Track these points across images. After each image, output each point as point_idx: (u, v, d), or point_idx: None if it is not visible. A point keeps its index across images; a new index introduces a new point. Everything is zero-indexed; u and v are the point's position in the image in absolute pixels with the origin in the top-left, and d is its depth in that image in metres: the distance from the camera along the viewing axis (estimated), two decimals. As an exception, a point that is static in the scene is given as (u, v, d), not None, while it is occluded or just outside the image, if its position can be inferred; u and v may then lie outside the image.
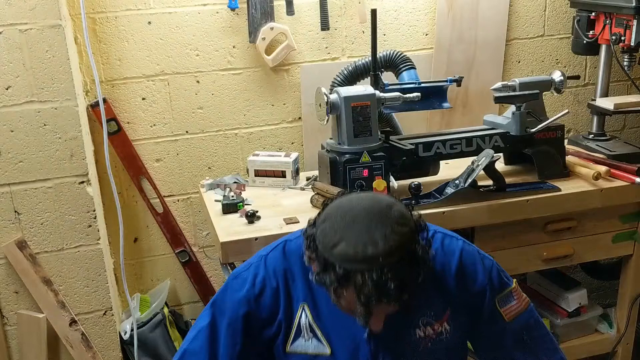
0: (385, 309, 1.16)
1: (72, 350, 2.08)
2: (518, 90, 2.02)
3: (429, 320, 1.30)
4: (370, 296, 1.09)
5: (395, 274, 1.09)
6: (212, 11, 2.11)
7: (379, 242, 1.10)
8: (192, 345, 1.35)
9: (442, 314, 1.31)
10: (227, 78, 2.19)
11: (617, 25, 2.11)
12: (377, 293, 1.09)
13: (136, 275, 2.30)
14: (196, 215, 2.30)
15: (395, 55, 2.10)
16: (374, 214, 1.14)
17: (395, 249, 1.10)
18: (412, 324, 1.30)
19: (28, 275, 2.00)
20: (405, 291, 1.11)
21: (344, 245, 1.11)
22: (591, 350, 2.26)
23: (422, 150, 1.95)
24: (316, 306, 1.31)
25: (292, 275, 1.32)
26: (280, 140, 2.30)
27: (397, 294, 1.10)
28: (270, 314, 1.31)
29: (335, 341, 1.31)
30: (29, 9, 1.80)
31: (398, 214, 1.14)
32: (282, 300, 1.31)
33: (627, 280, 2.21)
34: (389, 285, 1.08)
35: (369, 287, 1.08)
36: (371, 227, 1.12)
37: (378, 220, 1.12)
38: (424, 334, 1.30)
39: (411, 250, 1.12)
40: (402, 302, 1.13)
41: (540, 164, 2.03)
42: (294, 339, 1.32)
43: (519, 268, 2.05)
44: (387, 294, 1.09)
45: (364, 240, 1.10)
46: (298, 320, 1.31)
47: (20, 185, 1.94)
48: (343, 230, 1.13)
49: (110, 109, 2.10)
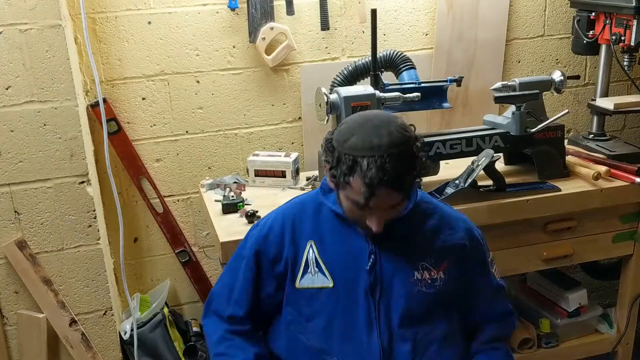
0: (385, 198, 1.30)
1: (72, 350, 2.08)
2: (518, 90, 2.02)
3: (427, 267, 1.45)
4: (373, 177, 1.26)
5: (396, 162, 1.28)
6: (212, 11, 2.11)
7: (384, 136, 1.30)
8: (215, 287, 1.59)
9: (440, 264, 1.46)
10: (227, 78, 2.19)
11: (617, 25, 2.11)
12: (379, 174, 1.26)
13: (136, 275, 2.30)
14: (196, 215, 2.30)
15: (395, 55, 2.10)
16: (383, 119, 1.35)
17: (398, 143, 1.30)
18: (412, 266, 1.45)
19: (28, 275, 2.00)
20: (403, 181, 1.30)
21: (354, 139, 1.31)
22: (591, 350, 2.26)
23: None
24: (322, 243, 1.46)
25: (302, 217, 1.50)
26: (280, 140, 2.30)
27: (396, 179, 1.28)
28: (277, 252, 1.49)
29: (337, 275, 1.45)
30: (29, 9, 1.80)
31: (402, 123, 1.35)
32: (287, 240, 1.48)
33: (627, 280, 2.21)
34: (389, 169, 1.27)
35: (372, 170, 1.27)
36: (379, 126, 1.32)
37: (386, 122, 1.33)
38: (421, 277, 1.45)
39: (411, 148, 1.33)
40: (401, 192, 1.31)
41: (540, 164, 2.03)
42: (302, 274, 1.46)
43: (519, 268, 2.06)
44: (388, 176, 1.27)
45: (371, 135, 1.30)
46: (306, 256, 1.46)
47: (20, 185, 1.94)
48: (355, 129, 1.33)
49: (110, 109, 2.10)
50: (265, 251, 1.50)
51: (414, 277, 1.44)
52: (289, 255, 1.48)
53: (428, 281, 1.45)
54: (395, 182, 1.29)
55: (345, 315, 1.44)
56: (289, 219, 1.51)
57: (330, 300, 1.45)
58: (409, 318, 1.44)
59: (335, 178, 1.34)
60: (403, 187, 1.31)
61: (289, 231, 1.49)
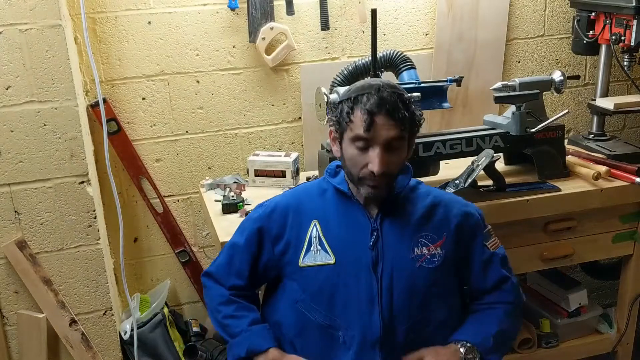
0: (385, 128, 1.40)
1: (72, 350, 2.08)
2: (518, 90, 2.02)
3: (425, 243, 1.51)
4: (373, 104, 1.39)
5: (392, 94, 1.41)
6: (212, 11, 2.11)
7: (382, 82, 1.45)
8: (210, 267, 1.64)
9: (437, 239, 1.52)
10: (227, 78, 2.19)
11: (617, 25, 2.11)
12: (377, 102, 1.39)
13: (136, 275, 2.30)
14: (196, 215, 2.30)
15: (395, 55, 2.09)
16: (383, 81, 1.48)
17: (394, 87, 1.45)
18: (412, 243, 1.51)
19: (28, 275, 2.00)
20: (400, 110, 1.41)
21: (353, 88, 1.46)
22: (591, 350, 2.26)
23: (422, 150, 1.95)
24: (326, 221, 1.52)
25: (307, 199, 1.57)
26: (280, 140, 2.30)
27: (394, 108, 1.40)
28: (279, 231, 1.55)
29: (340, 252, 1.50)
30: (29, 9, 1.80)
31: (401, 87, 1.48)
32: (290, 220, 1.54)
33: (627, 280, 2.21)
34: (387, 97, 1.40)
35: (371, 100, 1.40)
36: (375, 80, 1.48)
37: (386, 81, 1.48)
38: (420, 252, 1.50)
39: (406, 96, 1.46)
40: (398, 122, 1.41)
41: (540, 164, 2.03)
42: (305, 253, 1.52)
43: (519, 268, 2.05)
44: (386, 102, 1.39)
45: (368, 82, 1.47)
46: (309, 235, 1.52)
47: (20, 185, 1.94)
48: (353, 85, 1.49)
49: (110, 109, 2.10)
50: (267, 228, 1.56)
51: (414, 253, 1.50)
52: (291, 236, 1.54)
53: (427, 257, 1.50)
54: (392, 111, 1.40)
55: (347, 291, 1.48)
56: (294, 200, 1.58)
57: (332, 277, 1.49)
58: (410, 294, 1.48)
59: (339, 125, 1.46)
60: (400, 119, 1.41)
61: (293, 212, 1.55)
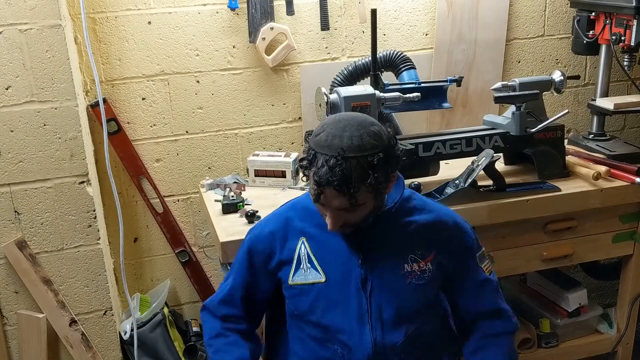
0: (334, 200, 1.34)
1: (72, 350, 2.08)
2: (518, 90, 2.02)
3: (415, 259, 1.48)
4: (322, 176, 1.31)
5: (349, 167, 1.30)
6: (212, 11, 2.11)
7: (348, 139, 1.32)
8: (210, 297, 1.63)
9: (427, 255, 1.49)
10: (227, 78, 2.19)
11: (617, 25, 2.11)
12: (327, 175, 1.30)
13: (136, 275, 2.30)
14: (196, 215, 2.30)
15: (395, 55, 2.10)
16: (358, 121, 1.36)
17: (358, 149, 1.31)
18: (402, 259, 1.48)
19: (28, 275, 2.00)
20: (351, 187, 1.31)
21: (322, 134, 1.36)
22: (591, 350, 2.26)
23: (422, 150, 1.95)
24: (314, 239, 1.50)
25: (294, 216, 1.54)
26: (280, 140, 2.30)
27: (344, 184, 1.30)
28: (269, 250, 1.53)
29: (330, 270, 1.48)
30: (29, 9, 1.80)
31: (377, 131, 1.36)
32: (278, 238, 1.52)
33: (627, 280, 2.21)
34: (339, 173, 1.29)
35: (323, 169, 1.31)
36: (349, 127, 1.34)
37: (358, 125, 1.35)
38: (411, 269, 1.48)
39: (372, 158, 1.32)
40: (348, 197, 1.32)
41: (540, 164, 2.03)
42: (295, 271, 1.50)
43: (519, 268, 2.06)
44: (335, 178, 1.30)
45: (336, 135, 1.33)
46: (297, 253, 1.50)
47: (20, 185, 1.94)
48: (328, 125, 1.37)
49: (110, 109, 2.10)
50: (258, 249, 1.54)
51: (404, 270, 1.47)
52: (281, 253, 1.52)
53: (418, 273, 1.48)
54: (342, 187, 1.30)
55: (339, 309, 1.47)
56: (281, 218, 1.55)
57: (323, 295, 1.48)
58: (401, 311, 1.47)
59: (302, 168, 1.40)
60: (351, 194, 1.31)
61: (281, 229, 1.53)
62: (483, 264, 1.57)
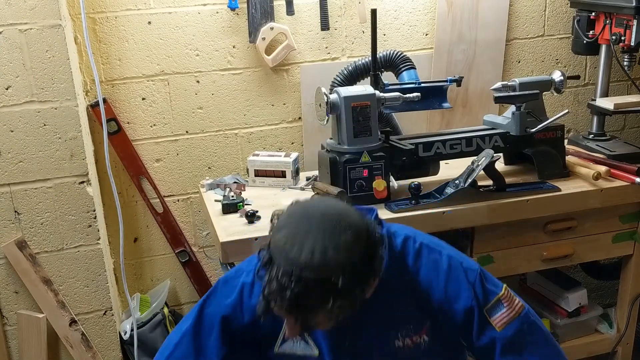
0: (282, 318, 1.17)
1: (72, 350, 2.08)
2: (518, 90, 2.02)
3: (408, 333, 1.32)
4: (270, 293, 1.10)
5: (301, 290, 1.07)
6: (212, 11, 2.11)
7: (309, 251, 1.08)
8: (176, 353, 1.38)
9: (421, 327, 1.33)
10: (227, 78, 2.19)
11: (617, 25, 2.11)
12: (275, 294, 1.09)
13: (136, 275, 2.30)
14: (196, 215, 2.30)
15: (395, 55, 2.10)
16: (331, 222, 1.12)
17: (320, 268, 1.08)
18: (392, 336, 1.33)
19: (28, 275, 2.00)
20: (302, 313, 1.11)
21: (283, 232, 1.12)
22: (591, 350, 2.26)
23: (422, 150, 1.95)
24: None
25: None
26: (280, 140, 2.30)
27: (295, 309, 1.10)
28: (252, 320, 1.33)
29: (321, 343, 1.34)
30: (29, 9, 1.80)
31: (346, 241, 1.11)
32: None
33: (627, 280, 2.21)
34: (289, 296, 1.07)
35: (273, 285, 1.09)
36: (316, 231, 1.10)
37: (330, 229, 1.11)
38: (403, 344, 1.32)
39: (334, 280, 1.08)
40: (300, 321, 1.13)
41: (540, 164, 2.03)
42: (283, 341, 1.34)
43: (519, 268, 2.06)
44: (284, 301, 1.09)
45: (297, 240, 1.10)
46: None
47: (20, 185, 1.94)
48: (292, 221, 1.14)
49: (110, 109, 2.10)
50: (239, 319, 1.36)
51: (395, 346, 1.33)
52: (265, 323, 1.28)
53: (411, 346, 1.34)
54: (292, 310, 1.11)
55: None
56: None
57: None
58: None
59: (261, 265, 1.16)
60: (304, 319, 1.14)
61: None
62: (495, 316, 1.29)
